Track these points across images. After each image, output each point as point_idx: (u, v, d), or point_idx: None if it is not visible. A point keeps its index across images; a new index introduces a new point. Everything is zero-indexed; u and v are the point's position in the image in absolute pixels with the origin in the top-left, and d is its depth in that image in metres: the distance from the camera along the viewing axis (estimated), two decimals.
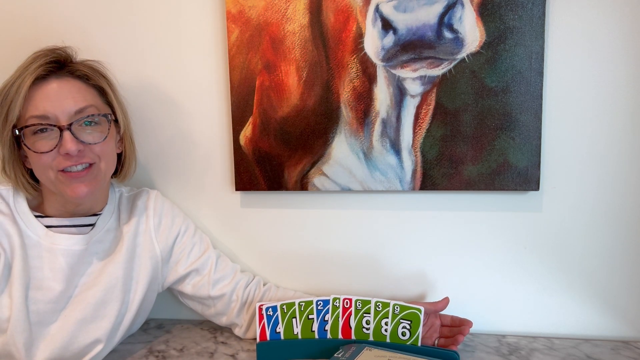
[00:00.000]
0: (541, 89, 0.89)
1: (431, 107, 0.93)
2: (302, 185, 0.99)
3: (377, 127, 0.95)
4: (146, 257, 0.92)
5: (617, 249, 0.93)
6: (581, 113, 0.91)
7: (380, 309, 0.87)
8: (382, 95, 0.94)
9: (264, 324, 0.89)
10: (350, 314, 0.88)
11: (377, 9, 0.91)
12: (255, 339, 0.96)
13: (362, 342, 0.87)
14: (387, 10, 0.90)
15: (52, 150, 0.78)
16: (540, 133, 0.90)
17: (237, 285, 0.96)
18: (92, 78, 0.84)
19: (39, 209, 0.86)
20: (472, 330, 0.99)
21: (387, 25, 0.91)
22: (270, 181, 1.00)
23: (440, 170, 0.94)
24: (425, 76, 0.92)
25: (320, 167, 0.98)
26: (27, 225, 0.83)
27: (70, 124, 0.78)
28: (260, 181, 1.01)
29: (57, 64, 0.81)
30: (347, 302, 0.88)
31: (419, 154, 0.94)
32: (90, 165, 0.81)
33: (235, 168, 1.01)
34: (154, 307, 0.98)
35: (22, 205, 0.84)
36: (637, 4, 0.87)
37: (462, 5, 0.88)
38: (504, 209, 0.96)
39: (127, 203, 0.95)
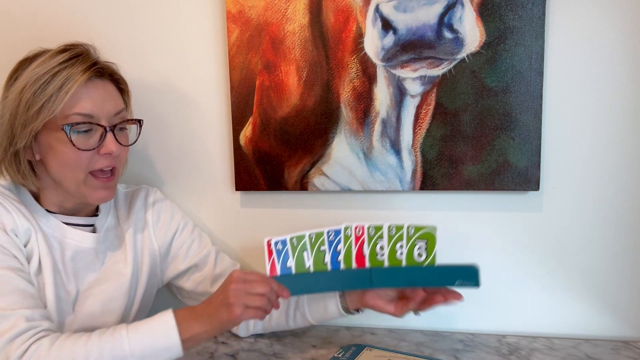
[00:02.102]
0: (541, 89, 0.89)
1: (431, 107, 0.93)
2: (302, 185, 0.99)
3: (377, 127, 0.95)
4: (145, 253, 0.93)
5: (617, 249, 0.93)
6: (581, 113, 0.91)
7: (393, 233, 0.84)
8: (382, 95, 0.94)
9: (273, 259, 0.83)
10: (363, 241, 0.85)
11: (377, 9, 0.91)
12: (253, 336, 0.97)
13: (377, 269, 0.84)
14: (387, 10, 0.90)
15: (92, 149, 0.79)
16: (540, 133, 0.90)
17: None
18: (122, 82, 0.87)
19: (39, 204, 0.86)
20: (472, 330, 0.99)
21: (387, 25, 0.91)
22: (270, 181, 1.00)
23: (440, 170, 0.94)
24: (425, 76, 0.92)
25: (320, 167, 0.98)
26: (37, 216, 0.82)
27: (114, 126, 0.81)
28: (260, 181, 1.01)
29: (100, 67, 0.82)
30: (359, 229, 0.84)
31: (419, 154, 0.94)
32: (113, 170, 0.83)
33: (235, 168, 1.01)
34: (153, 306, 0.98)
35: (28, 197, 0.84)
36: (637, 4, 0.87)
37: (462, 5, 0.88)
38: (504, 209, 0.96)
39: (125, 200, 0.95)
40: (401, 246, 0.84)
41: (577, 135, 0.92)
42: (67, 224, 0.85)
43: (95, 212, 0.90)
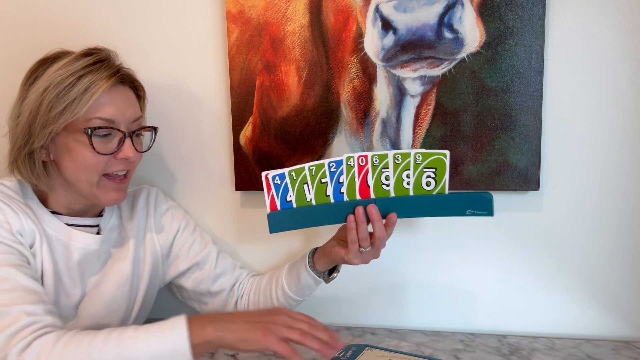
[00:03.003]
0: (541, 89, 0.89)
1: (431, 107, 0.93)
2: None
3: (377, 127, 0.95)
4: (148, 253, 0.93)
5: (617, 249, 0.93)
6: (581, 113, 0.91)
7: (400, 161, 0.79)
8: (382, 95, 0.94)
9: (272, 194, 0.80)
10: (367, 171, 0.80)
11: (377, 9, 0.91)
12: None
13: (382, 200, 0.81)
14: (387, 10, 0.91)
15: (111, 153, 0.79)
16: (540, 133, 0.90)
17: (237, 281, 0.97)
18: (140, 90, 0.88)
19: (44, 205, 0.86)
20: (472, 330, 0.99)
21: (387, 25, 0.91)
22: None
23: None
24: (425, 76, 0.92)
25: None
26: (42, 219, 0.82)
27: (133, 132, 0.82)
28: (260, 181, 1.00)
29: (123, 73, 0.83)
30: (362, 159, 0.80)
31: None
32: (126, 174, 0.84)
33: (235, 168, 1.01)
34: (154, 307, 0.98)
35: (33, 199, 0.83)
36: (637, 4, 0.87)
37: (462, 5, 0.88)
38: (504, 209, 0.96)
39: (127, 200, 0.96)
40: (408, 175, 0.80)
41: (577, 135, 0.92)
42: (72, 225, 0.85)
43: (100, 213, 0.90)
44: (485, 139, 0.92)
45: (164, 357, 0.67)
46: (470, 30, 0.89)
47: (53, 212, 0.84)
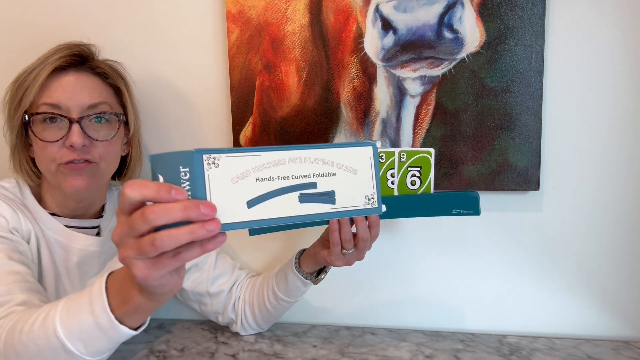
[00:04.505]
0: (541, 89, 0.89)
1: (431, 107, 0.93)
2: None
3: (377, 127, 0.95)
4: None
5: (617, 248, 0.93)
6: (581, 113, 0.91)
7: (384, 160, 0.78)
8: (382, 95, 0.94)
9: None
10: None
11: (377, 9, 0.91)
12: (254, 336, 0.96)
13: None
14: (387, 10, 0.91)
15: (58, 140, 0.77)
16: (540, 133, 0.90)
17: (236, 282, 0.97)
18: (111, 77, 0.85)
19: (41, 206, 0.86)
20: (472, 330, 0.99)
21: (387, 25, 0.91)
22: None
23: (440, 170, 0.93)
24: (425, 76, 0.92)
25: None
26: (40, 220, 0.82)
27: (81, 118, 0.78)
28: None
29: (79, 58, 0.82)
30: None
31: None
32: (90, 162, 0.80)
33: None
34: None
35: (32, 201, 0.83)
36: (637, 4, 0.87)
37: (462, 5, 0.88)
38: (504, 209, 0.96)
39: None
40: (392, 174, 0.78)
41: (577, 135, 0.92)
42: (71, 227, 0.84)
43: (100, 214, 0.90)
44: (485, 139, 0.92)
45: (91, 337, 0.57)
46: (470, 30, 0.89)
47: (51, 214, 0.84)
